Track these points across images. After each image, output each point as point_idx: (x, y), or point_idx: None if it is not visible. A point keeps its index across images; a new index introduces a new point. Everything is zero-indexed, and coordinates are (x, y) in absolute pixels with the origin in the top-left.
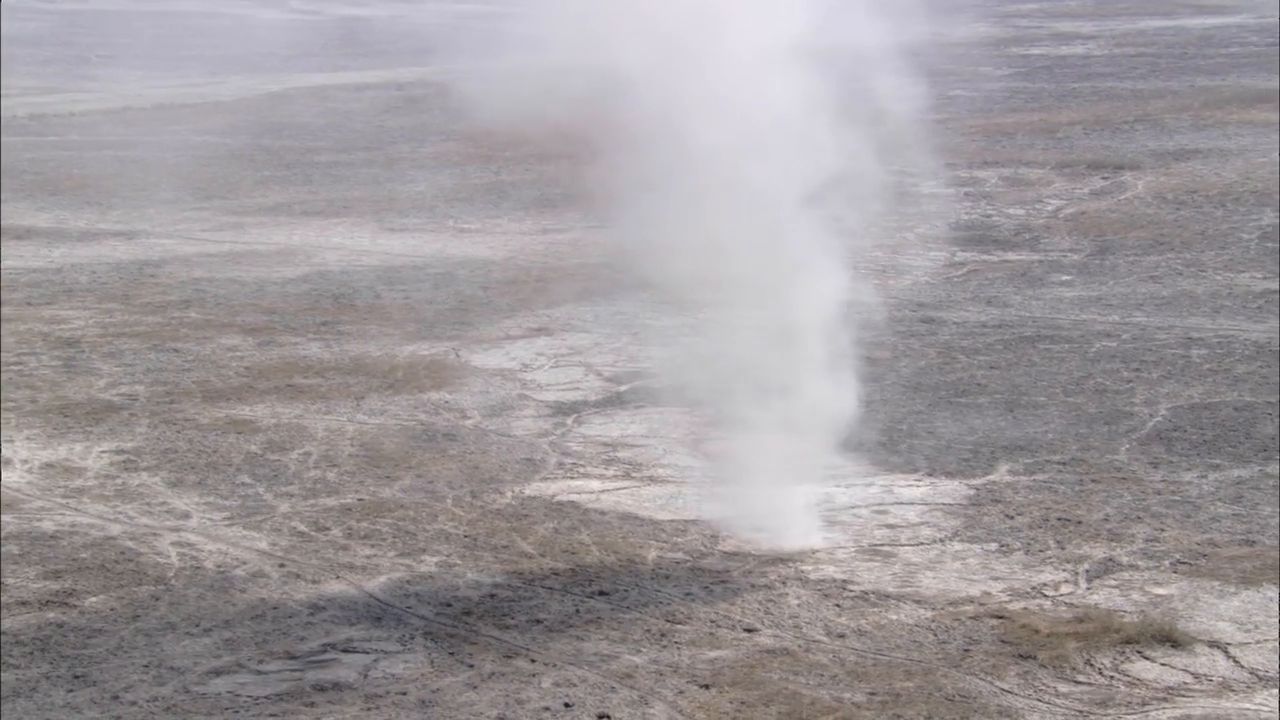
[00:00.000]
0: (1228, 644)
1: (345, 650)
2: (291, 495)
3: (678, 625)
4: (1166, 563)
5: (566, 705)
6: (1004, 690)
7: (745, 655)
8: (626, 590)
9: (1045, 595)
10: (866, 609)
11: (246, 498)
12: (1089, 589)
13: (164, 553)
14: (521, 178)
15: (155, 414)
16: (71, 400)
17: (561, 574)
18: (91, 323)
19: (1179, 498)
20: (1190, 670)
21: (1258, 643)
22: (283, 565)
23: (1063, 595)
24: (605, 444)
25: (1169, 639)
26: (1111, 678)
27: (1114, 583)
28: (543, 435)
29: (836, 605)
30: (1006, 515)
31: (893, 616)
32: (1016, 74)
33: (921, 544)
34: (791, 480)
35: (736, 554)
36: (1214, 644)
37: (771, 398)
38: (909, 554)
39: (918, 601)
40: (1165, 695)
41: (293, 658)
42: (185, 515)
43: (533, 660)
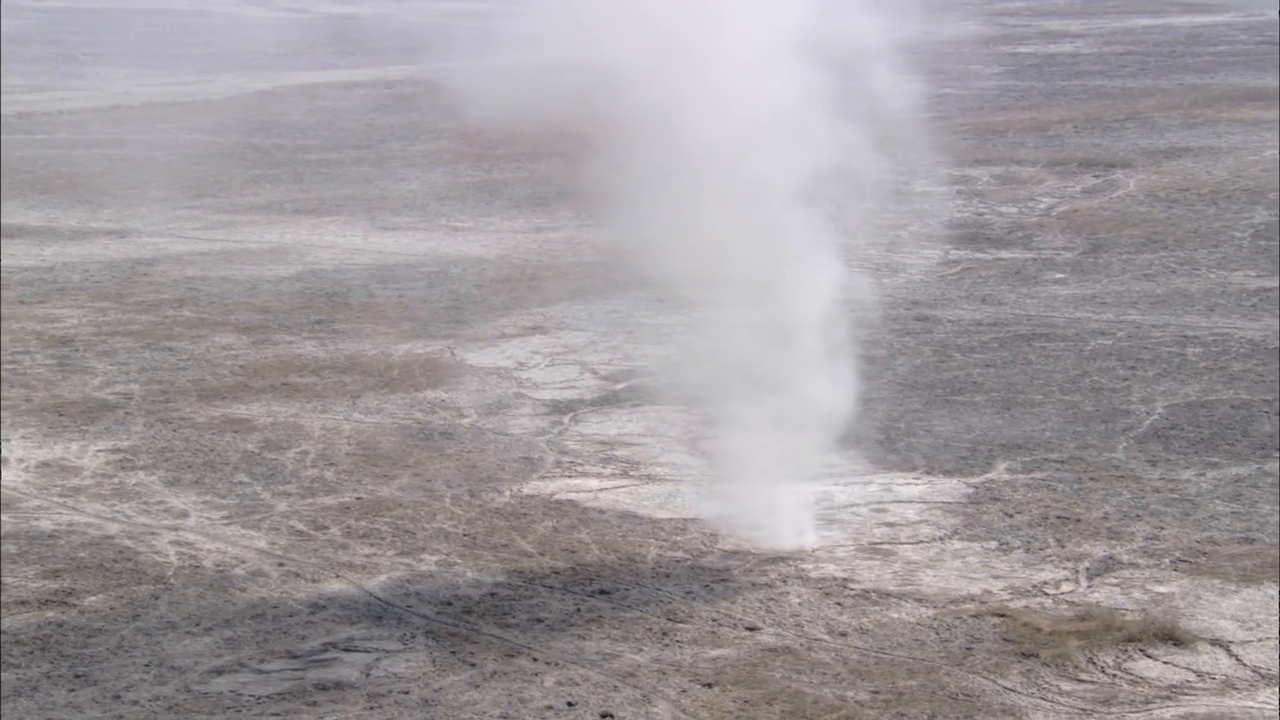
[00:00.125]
0: (1230, 642)
1: (346, 649)
2: (289, 494)
3: (679, 624)
4: (1167, 561)
5: (569, 704)
6: (1007, 689)
7: (747, 654)
8: (627, 589)
9: (1046, 593)
10: (868, 607)
11: (244, 497)
12: (1090, 587)
13: (162, 552)
14: (513, 176)
15: (151, 413)
16: (66, 399)
17: (562, 573)
18: (85, 321)
19: (1178, 496)
20: (1193, 668)
21: (1259, 641)
22: (282, 564)
23: (1064, 593)
24: (602, 442)
25: (1171, 637)
26: (1114, 676)
27: (1114, 581)
28: (540, 434)
29: (838, 604)
30: (1006, 513)
31: (894, 615)
32: (1006, 72)
33: (921, 542)
34: (786, 478)
35: (736, 552)
36: (1216, 642)
37: (767, 395)
38: (909, 552)
39: (919, 600)
40: (1169, 693)
41: (294, 657)
42: (183, 514)
43: (534, 659)
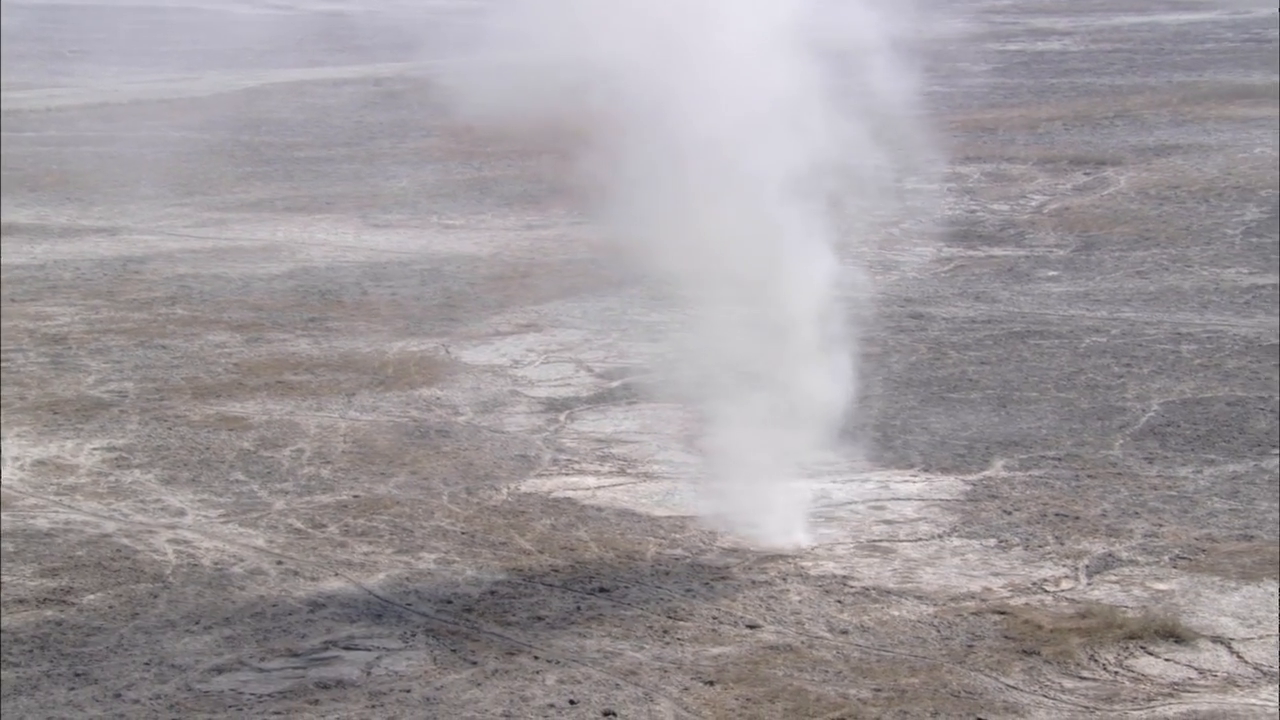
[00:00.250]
0: (1231, 639)
1: (347, 648)
2: (286, 492)
3: (680, 622)
4: (1166, 558)
5: (571, 702)
6: (1009, 686)
7: (749, 651)
8: (627, 587)
9: (1046, 591)
10: (868, 605)
11: (241, 495)
12: (1089, 584)
13: (160, 550)
14: (504, 173)
15: (146, 411)
16: (60, 397)
17: (561, 571)
18: (77, 319)
19: (1175, 493)
20: (1194, 666)
21: (1260, 638)
22: (280, 562)
23: (1064, 591)
24: (599, 440)
25: (1172, 634)
26: (1116, 673)
27: (1114, 578)
28: (536, 432)
29: (838, 601)
30: (1004, 511)
31: (895, 612)
32: (995, 70)
33: (920, 540)
34: (780, 476)
35: (735, 550)
36: (1217, 639)
37: (762, 392)
38: (908, 550)
39: (919, 597)
40: (1171, 691)
41: (294, 655)
42: (180, 512)
43: (535, 657)
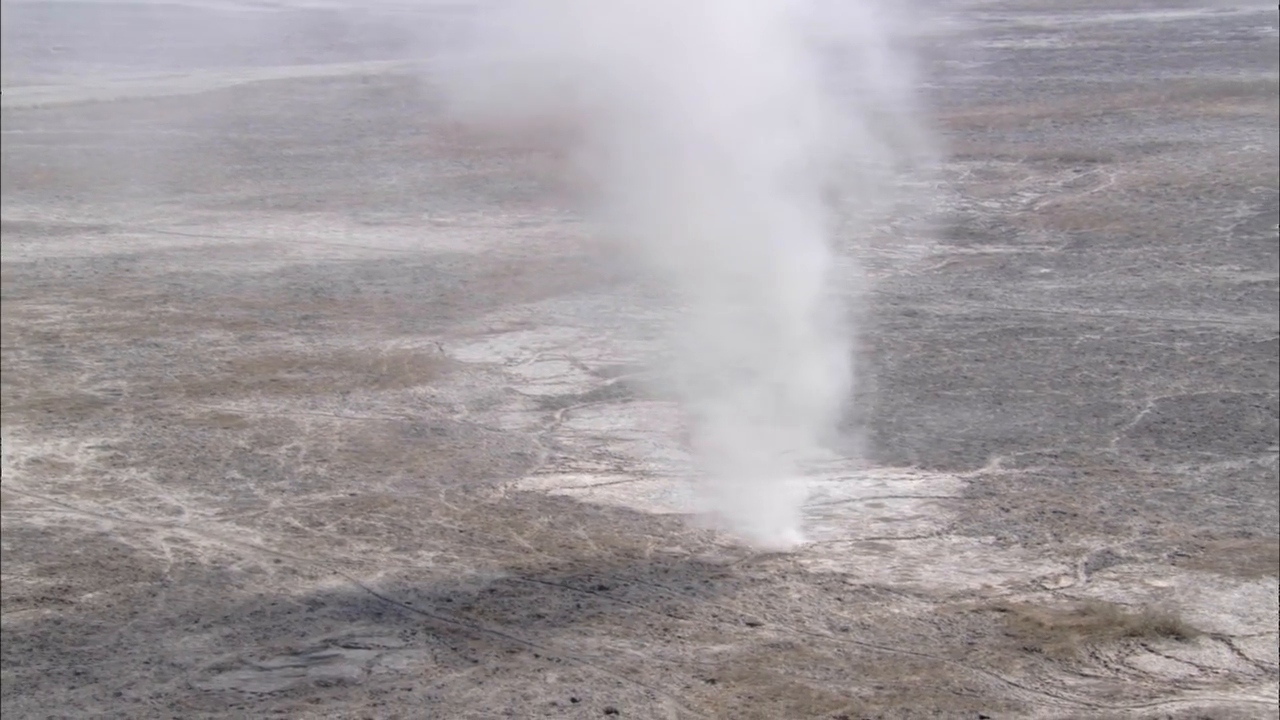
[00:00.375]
0: (1231, 636)
1: (347, 646)
2: (283, 490)
3: (680, 620)
4: (1164, 555)
5: (573, 700)
6: (1011, 683)
7: (749, 649)
8: (626, 585)
9: (1046, 588)
10: (868, 603)
11: (237, 493)
12: (1089, 581)
13: (158, 548)
14: (494, 171)
15: (140, 409)
16: (54, 395)
17: (560, 569)
18: (69, 317)
19: (1172, 490)
20: (1195, 663)
21: (1260, 635)
22: (278, 561)
23: (1063, 588)
24: (595, 438)
25: (1172, 631)
26: (1117, 670)
27: (1113, 575)
28: (532, 429)
29: (838, 599)
30: (1002, 508)
31: (895, 610)
32: (983, 67)
33: (918, 537)
34: (776, 474)
35: (734, 548)
36: (1217, 636)
37: (757, 389)
38: (907, 547)
39: (919, 595)
40: (1172, 688)
41: (295, 654)
42: (177, 511)
43: (536, 655)
